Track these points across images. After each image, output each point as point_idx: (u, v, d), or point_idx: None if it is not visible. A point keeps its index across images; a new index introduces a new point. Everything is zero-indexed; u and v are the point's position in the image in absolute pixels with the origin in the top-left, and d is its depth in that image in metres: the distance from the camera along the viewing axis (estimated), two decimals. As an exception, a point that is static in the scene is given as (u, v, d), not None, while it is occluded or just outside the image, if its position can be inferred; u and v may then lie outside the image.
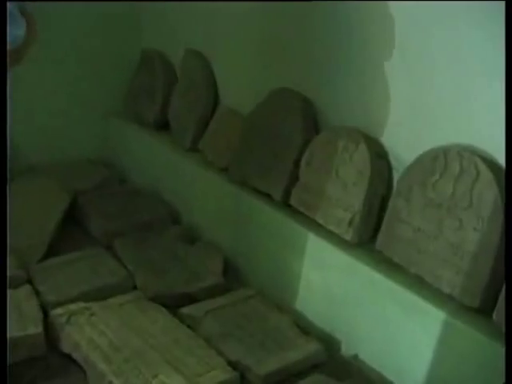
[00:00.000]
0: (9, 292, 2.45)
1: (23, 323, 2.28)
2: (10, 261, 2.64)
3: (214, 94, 3.14)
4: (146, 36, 3.64)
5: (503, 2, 1.72)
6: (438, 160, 2.05)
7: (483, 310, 1.93)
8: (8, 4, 1.75)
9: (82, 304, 2.43)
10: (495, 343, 1.82)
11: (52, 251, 2.83)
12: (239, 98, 2.98)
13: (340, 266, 2.30)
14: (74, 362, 2.23)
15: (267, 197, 2.63)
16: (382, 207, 2.29)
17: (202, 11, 3.12)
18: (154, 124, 3.43)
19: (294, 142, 2.53)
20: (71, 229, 3.09)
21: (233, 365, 2.16)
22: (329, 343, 2.32)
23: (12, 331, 2.22)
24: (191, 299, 2.54)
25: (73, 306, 2.41)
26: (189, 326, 2.37)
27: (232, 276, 2.75)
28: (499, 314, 1.83)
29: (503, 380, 1.69)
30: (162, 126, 3.43)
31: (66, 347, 2.27)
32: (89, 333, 2.28)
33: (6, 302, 1.70)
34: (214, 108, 3.13)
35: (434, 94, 2.15)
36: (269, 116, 2.66)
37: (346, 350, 2.32)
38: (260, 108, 2.71)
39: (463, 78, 2.04)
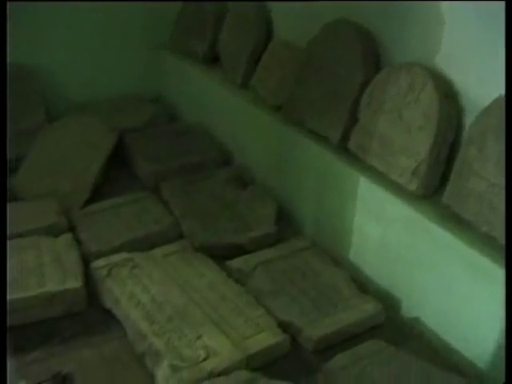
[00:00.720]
0: (48, 241, 2.34)
1: (62, 276, 2.18)
2: (51, 206, 2.54)
3: (266, 27, 2.91)
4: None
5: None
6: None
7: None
8: None
9: (124, 255, 2.30)
10: None
11: (96, 195, 2.73)
12: (294, 29, 2.73)
13: (401, 220, 2.08)
14: (115, 317, 2.10)
15: (324, 139, 2.40)
16: (451, 156, 2.03)
17: None
18: (203, 58, 3.23)
19: (352, 79, 2.29)
20: (117, 170, 2.96)
21: (283, 326, 2.00)
22: (387, 303, 2.13)
23: (51, 284, 2.12)
24: (241, 250, 2.38)
25: (115, 257, 2.29)
26: (237, 281, 2.22)
27: (285, 224, 2.58)
28: None
29: None
30: (212, 60, 3.23)
31: (106, 302, 2.16)
32: (130, 287, 2.16)
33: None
34: (267, 42, 2.89)
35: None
36: (325, 50, 2.41)
37: (407, 311, 2.12)
38: (316, 42, 2.46)
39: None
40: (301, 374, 1.90)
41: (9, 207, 2.14)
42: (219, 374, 1.81)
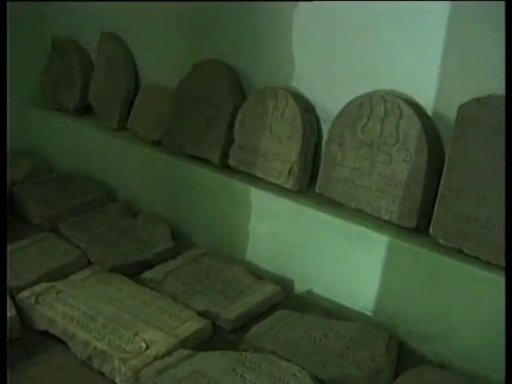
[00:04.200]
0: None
1: (-6, 309, 2.37)
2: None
3: (134, 74, 3.29)
4: (51, 23, 3.69)
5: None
6: (363, 106, 2.31)
7: (420, 229, 2.22)
8: None
9: (45, 284, 2.54)
10: (436, 254, 2.12)
11: (-3, 242, 2.90)
12: (161, 74, 3.15)
13: (285, 213, 2.53)
14: (51, 336, 2.35)
15: (205, 162, 2.82)
16: (315, 155, 2.54)
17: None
18: (74, 110, 3.53)
19: (224, 107, 2.73)
20: (10, 218, 3.14)
21: (202, 315, 2.36)
22: (283, 284, 2.56)
23: (-15, 318, 2.32)
24: (147, 265, 2.71)
25: (37, 287, 2.52)
26: (152, 289, 2.54)
27: (179, 241, 2.92)
28: (435, 228, 2.12)
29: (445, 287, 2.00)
30: (82, 111, 3.54)
31: (40, 325, 2.38)
32: (61, 308, 2.40)
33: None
34: (137, 87, 3.27)
35: (353, 48, 2.40)
36: (197, 86, 2.85)
37: (299, 287, 2.57)
38: (187, 79, 2.89)
39: (380, 30, 2.32)
40: (226, 348, 2.27)
41: None
42: (163, 357, 2.14)
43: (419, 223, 2.21)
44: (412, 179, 2.21)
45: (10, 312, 2.35)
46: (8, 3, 3.03)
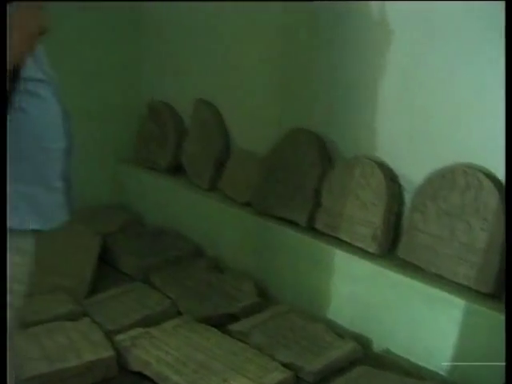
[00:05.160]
0: (71, 324, 2.77)
1: (95, 349, 2.59)
2: (61, 298, 2.97)
3: (226, 138, 3.54)
4: (148, 88, 4.02)
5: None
6: (445, 178, 2.49)
7: (496, 295, 2.36)
8: None
9: (140, 329, 2.74)
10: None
11: (94, 289, 3.16)
12: (252, 139, 3.39)
13: (367, 275, 2.69)
14: (145, 377, 2.54)
15: (292, 224, 3.01)
16: (397, 222, 2.71)
17: (208, 62, 3.57)
18: (166, 169, 3.80)
19: (312, 173, 2.94)
20: (105, 268, 3.41)
21: (287, 366, 2.51)
22: (361, 342, 2.69)
23: (86, 357, 2.54)
24: (234, 318, 2.89)
25: (133, 332, 2.72)
26: (238, 340, 2.72)
27: (264, 297, 3.10)
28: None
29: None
30: (174, 170, 3.82)
31: (135, 366, 2.58)
32: (155, 352, 2.59)
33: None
34: (228, 151, 3.52)
35: (434, 122, 2.59)
36: (287, 153, 3.07)
37: (378, 346, 2.70)
38: (278, 146, 3.12)
39: (460, 105, 2.51)
40: (307, 399, 2.42)
41: (24, 301, 2.51)
42: (249, 404, 2.31)
43: (496, 289, 2.34)
44: (489, 247, 2.35)
45: (108, 352, 2.56)
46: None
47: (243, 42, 3.35)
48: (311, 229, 2.94)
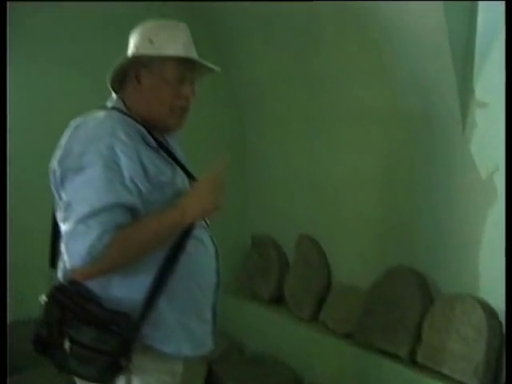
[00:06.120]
0: None
1: None
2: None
3: (328, 273, 3.79)
4: (252, 223, 4.35)
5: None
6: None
7: None
8: None
9: None
10: None
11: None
12: (352, 274, 3.62)
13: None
14: None
15: (393, 356, 3.18)
16: (498, 358, 2.84)
17: (311, 198, 3.89)
18: (268, 300, 4.05)
19: (413, 309, 3.12)
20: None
21: None
22: None
23: None
24: None
25: None
26: None
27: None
28: None
29: None
30: (275, 301, 4.07)
31: None
32: None
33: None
34: (329, 284, 3.76)
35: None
36: (388, 289, 3.28)
37: None
38: (380, 282, 3.34)
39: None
40: None
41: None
42: None
43: None
44: None
45: None
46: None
47: (345, 186, 3.67)
48: (412, 362, 3.09)
